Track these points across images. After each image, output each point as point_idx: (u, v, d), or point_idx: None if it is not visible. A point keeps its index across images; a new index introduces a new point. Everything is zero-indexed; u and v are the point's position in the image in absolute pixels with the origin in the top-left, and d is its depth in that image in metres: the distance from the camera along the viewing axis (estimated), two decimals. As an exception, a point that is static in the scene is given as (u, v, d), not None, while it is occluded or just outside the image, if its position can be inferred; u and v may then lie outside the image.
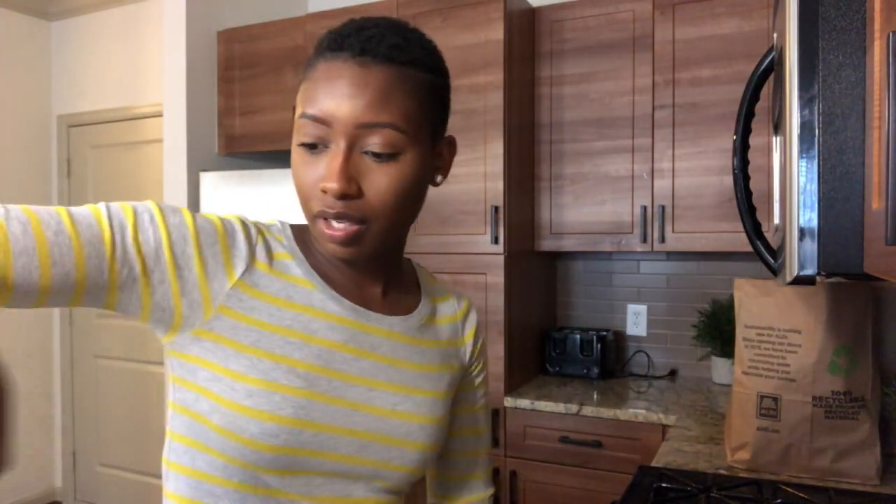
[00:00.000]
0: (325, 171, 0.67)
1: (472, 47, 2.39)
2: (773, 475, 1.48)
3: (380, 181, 0.68)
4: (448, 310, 0.87)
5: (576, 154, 2.52)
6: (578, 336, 2.58)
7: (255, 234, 0.74)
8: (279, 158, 3.02)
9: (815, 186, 0.58)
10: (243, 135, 2.88)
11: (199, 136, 2.85)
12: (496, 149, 2.36)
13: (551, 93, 2.55)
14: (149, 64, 3.53)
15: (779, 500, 1.30)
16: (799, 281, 0.62)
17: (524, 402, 2.28)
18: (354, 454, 0.72)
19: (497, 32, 2.35)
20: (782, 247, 0.69)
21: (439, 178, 0.77)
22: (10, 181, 3.71)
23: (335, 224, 0.68)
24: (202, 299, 0.68)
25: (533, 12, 2.58)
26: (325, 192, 0.67)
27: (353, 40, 0.68)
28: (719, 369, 2.49)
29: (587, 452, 2.21)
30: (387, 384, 0.75)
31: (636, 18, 2.42)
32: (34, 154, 3.84)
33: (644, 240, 2.41)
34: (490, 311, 2.36)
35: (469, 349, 0.87)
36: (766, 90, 2.16)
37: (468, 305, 0.90)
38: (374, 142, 0.67)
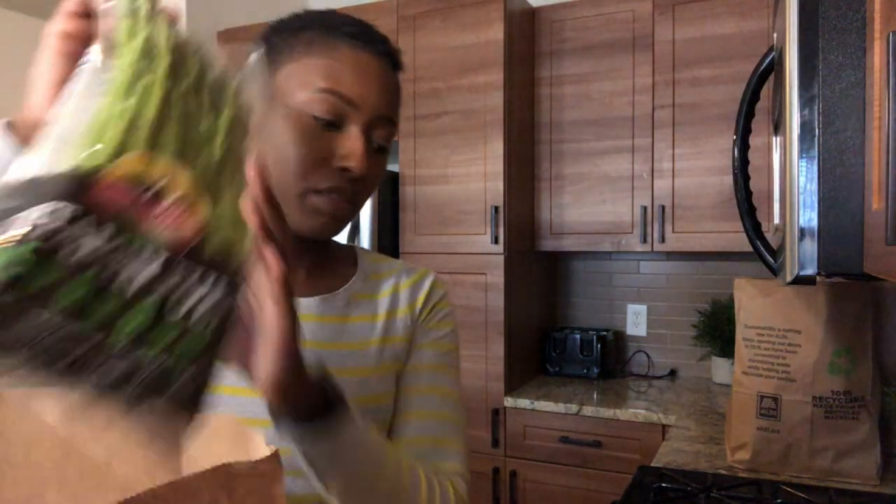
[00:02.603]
0: (345, 149, 0.69)
1: (472, 47, 2.39)
2: (773, 475, 1.48)
3: (373, 171, 0.72)
4: (392, 283, 0.83)
5: (576, 154, 2.52)
6: (578, 336, 2.58)
7: None
8: (279, 158, 3.01)
9: (815, 186, 0.59)
10: (243, 135, 2.88)
11: (199, 136, 2.85)
12: (496, 149, 2.36)
13: (551, 93, 2.55)
14: (149, 64, 3.53)
15: (779, 500, 1.30)
16: (799, 281, 0.62)
17: (524, 402, 2.28)
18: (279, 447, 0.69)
19: (497, 32, 2.35)
20: (782, 247, 0.69)
21: None
22: (10, 181, 3.71)
23: (337, 200, 0.70)
24: None
25: (533, 12, 2.58)
26: (345, 170, 0.68)
27: (377, 38, 0.73)
28: (719, 369, 2.49)
29: (587, 452, 2.21)
30: None
31: (636, 18, 2.42)
32: (34, 154, 3.84)
33: (644, 240, 2.41)
34: (490, 311, 2.36)
35: (416, 313, 0.82)
36: (766, 90, 2.16)
37: (421, 276, 0.85)
38: (381, 135, 0.72)
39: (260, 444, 0.44)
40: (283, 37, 0.73)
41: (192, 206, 0.41)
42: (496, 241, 2.34)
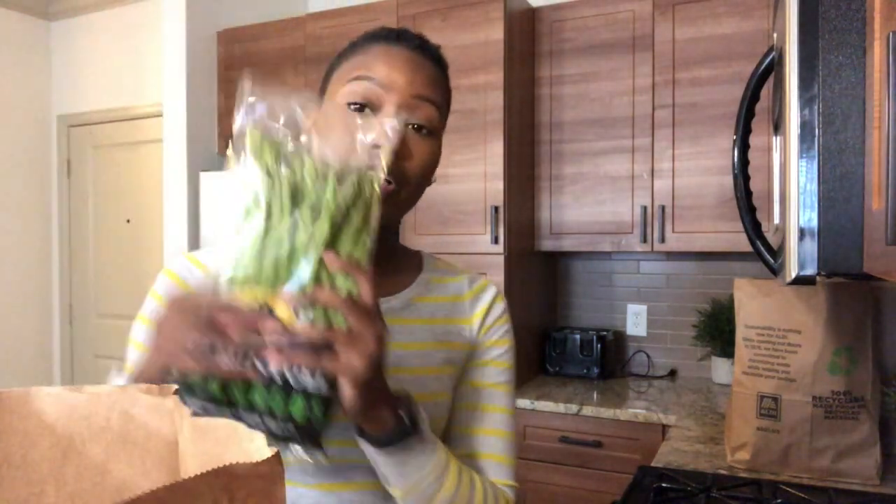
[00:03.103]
0: (376, 128, 0.72)
1: (472, 47, 2.39)
2: (773, 475, 1.48)
3: (417, 151, 0.75)
4: (454, 290, 0.87)
5: (576, 154, 2.52)
6: (578, 336, 2.58)
7: (212, 256, 0.83)
8: (279, 158, 3.01)
9: (815, 186, 0.59)
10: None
11: (199, 136, 2.85)
12: (496, 149, 2.35)
13: (551, 93, 2.55)
14: (149, 64, 3.53)
15: (779, 500, 1.30)
16: (799, 281, 0.62)
17: (524, 402, 2.28)
18: (338, 438, 0.72)
19: (497, 32, 2.35)
20: (782, 247, 0.68)
21: (435, 176, 0.84)
22: (10, 181, 3.71)
23: None
24: None
25: (533, 12, 2.58)
26: (376, 147, 0.71)
27: (410, 36, 0.78)
28: (719, 369, 2.49)
29: (587, 452, 2.21)
30: None
31: (636, 18, 2.42)
32: (34, 154, 3.84)
33: (644, 240, 2.41)
34: (490, 311, 2.35)
35: (476, 327, 0.87)
36: (766, 90, 2.16)
37: (482, 287, 0.89)
38: (420, 115, 0.75)
39: (260, 445, 0.44)
40: (336, 58, 0.82)
41: (287, 316, 0.57)
42: (496, 241, 2.34)
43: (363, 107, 0.74)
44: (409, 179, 0.75)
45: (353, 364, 0.58)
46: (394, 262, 0.85)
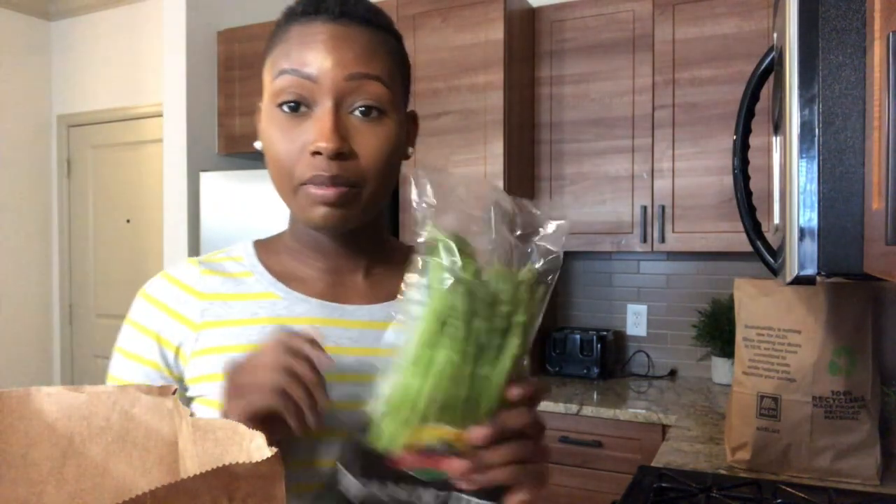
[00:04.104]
0: (313, 133, 0.64)
1: (472, 47, 2.39)
2: (773, 475, 1.48)
3: (369, 141, 0.65)
4: None
5: (576, 154, 2.52)
6: (578, 336, 2.58)
7: (195, 275, 0.75)
8: (279, 158, 3.01)
9: (815, 186, 0.59)
10: (243, 135, 2.88)
11: (199, 136, 2.85)
12: (496, 149, 2.35)
13: (551, 93, 2.55)
14: (149, 64, 3.53)
15: (779, 500, 1.30)
16: (799, 281, 0.62)
17: (524, 402, 2.28)
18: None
19: (497, 32, 2.35)
20: (782, 247, 0.68)
21: (410, 150, 0.75)
22: (10, 181, 3.71)
23: (322, 187, 0.65)
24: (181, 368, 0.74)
25: (533, 12, 2.58)
26: (317, 153, 0.63)
27: (331, 3, 0.66)
28: (719, 369, 2.49)
29: (587, 452, 2.21)
30: (374, 376, 0.68)
31: (636, 18, 2.42)
32: (34, 154, 3.84)
33: (644, 240, 2.41)
34: (490, 311, 2.35)
35: None
36: (766, 90, 2.16)
37: None
38: (363, 96, 0.65)
39: (260, 444, 0.44)
40: (266, 46, 0.72)
41: (462, 455, 0.55)
42: (496, 241, 2.34)
43: (298, 104, 0.65)
44: (366, 176, 0.66)
45: (540, 474, 0.58)
46: (388, 262, 0.78)
